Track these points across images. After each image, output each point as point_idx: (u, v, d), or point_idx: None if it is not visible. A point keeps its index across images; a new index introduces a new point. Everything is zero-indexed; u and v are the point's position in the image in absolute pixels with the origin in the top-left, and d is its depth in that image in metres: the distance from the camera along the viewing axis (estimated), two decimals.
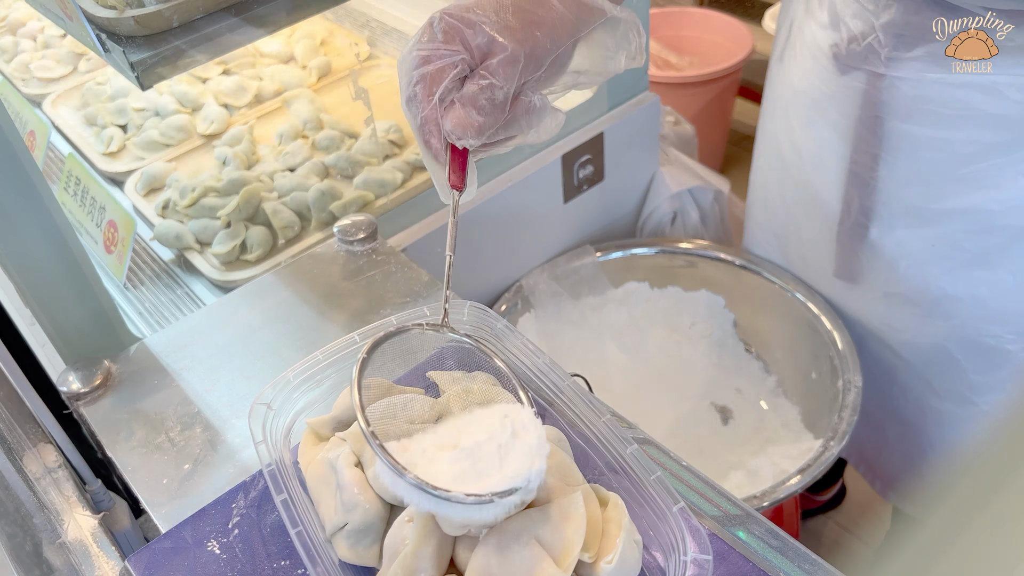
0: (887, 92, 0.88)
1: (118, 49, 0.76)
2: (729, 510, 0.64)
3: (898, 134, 0.90)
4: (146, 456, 0.73)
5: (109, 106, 1.30)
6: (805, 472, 0.96)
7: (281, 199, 1.10)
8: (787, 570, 0.60)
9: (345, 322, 0.84)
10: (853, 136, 0.94)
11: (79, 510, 0.72)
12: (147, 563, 0.60)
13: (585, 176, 1.20)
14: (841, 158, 0.97)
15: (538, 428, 0.54)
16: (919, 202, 0.93)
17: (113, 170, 1.22)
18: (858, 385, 1.04)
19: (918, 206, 0.93)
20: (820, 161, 1.01)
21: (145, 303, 1.05)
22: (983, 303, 0.95)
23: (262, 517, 0.63)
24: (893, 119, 0.89)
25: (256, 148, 1.22)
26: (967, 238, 0.92)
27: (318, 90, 1.33)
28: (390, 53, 1.43)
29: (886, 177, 0.94)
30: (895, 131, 0.90)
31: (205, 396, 0.78)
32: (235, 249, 1.05)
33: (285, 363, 0.80)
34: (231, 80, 1.32)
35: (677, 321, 1.27)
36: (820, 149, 1.00)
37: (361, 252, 0.91)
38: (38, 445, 0.78)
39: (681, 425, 1.20)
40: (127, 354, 0.83)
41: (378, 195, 1.11)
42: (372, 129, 1.17)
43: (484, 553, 0.52)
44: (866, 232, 0.99)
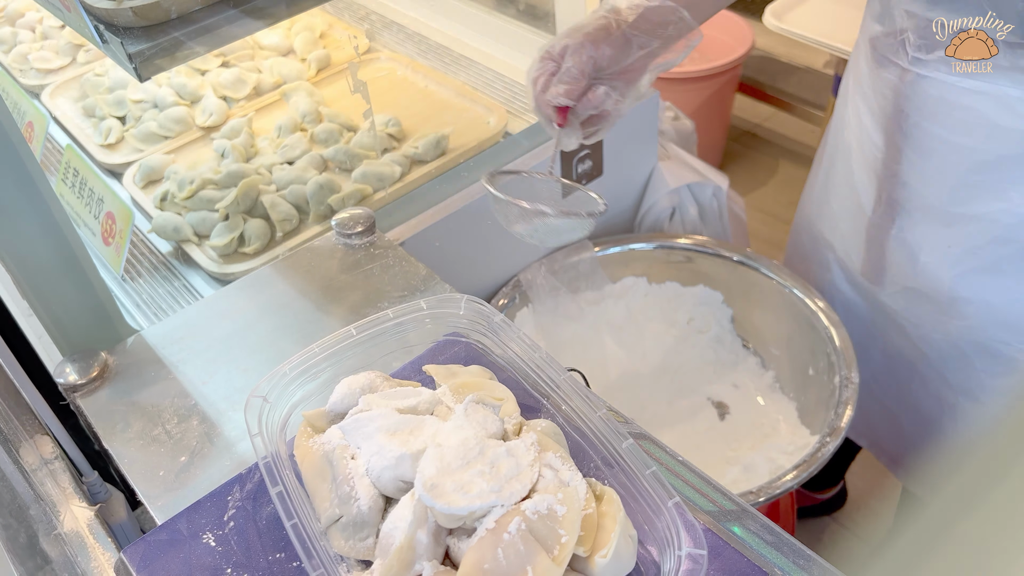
0: (911, 88, 0.90)
1: (116, 40, 0.76)
2: (724, 505, 0.64)
3: (921, 132, 0.91)
4: (143, 448, 0.73)
5: (108, 97, 1.30)
6: (801, 468, 0.96)
7: (279, 192, 1.10)
8: (782, 565, 0.60)
9: (342, 315, 0.84)
10: (884, 128, 0.96)
11: (75, 501, 0.72)
12: (143, 555, 0.60)
13: (584, 171, 1.20)
14: (877, 148, 0.99)
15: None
16: (937, 202, 0.94)
17: (111, 162, 1.22)
18: (855, 381, 1.04)
19: (936, 206, 0.94)
20: (862, 151, 1.02)
21: (143, 295, 1.05)
22: (994, 309, 0.96)
23: (258, 510, 0.63)
24: (917, 116, 0.91)
25: (255, 141, 1.21)
26: (981, 244, 0.93)
27: (317, 83, 1.33)
28: (389, 46, 1.43)
29: (909, 172, 0.95)
30: (919, 128, 0.91)
31: (202, 388, 0.78)
32: (233, 242, 1.05)
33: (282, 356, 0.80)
34: (230, 72, 1.32)
35: (675, 316, 1.27)
36: (862, 138, 1.02)
37: (359, 245, 0.91)
38: (35, 436, 0.78)
39: (678, 420, 1.20)
40: (124, 346, 0.83)
41: (376, 188, 1.11)
42: (371, 122, 1.16)
43: (479, 546, 0.52)
44: (892, 225, 1.01)
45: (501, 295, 1.18)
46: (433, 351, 0.75)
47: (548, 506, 0.53)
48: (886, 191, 0.99)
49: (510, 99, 1.27)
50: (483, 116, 1.22)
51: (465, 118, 1.22)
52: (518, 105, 1.26)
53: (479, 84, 1.32)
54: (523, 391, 0.66)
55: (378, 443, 0.58)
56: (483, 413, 0.59)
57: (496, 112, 1.21)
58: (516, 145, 1.15)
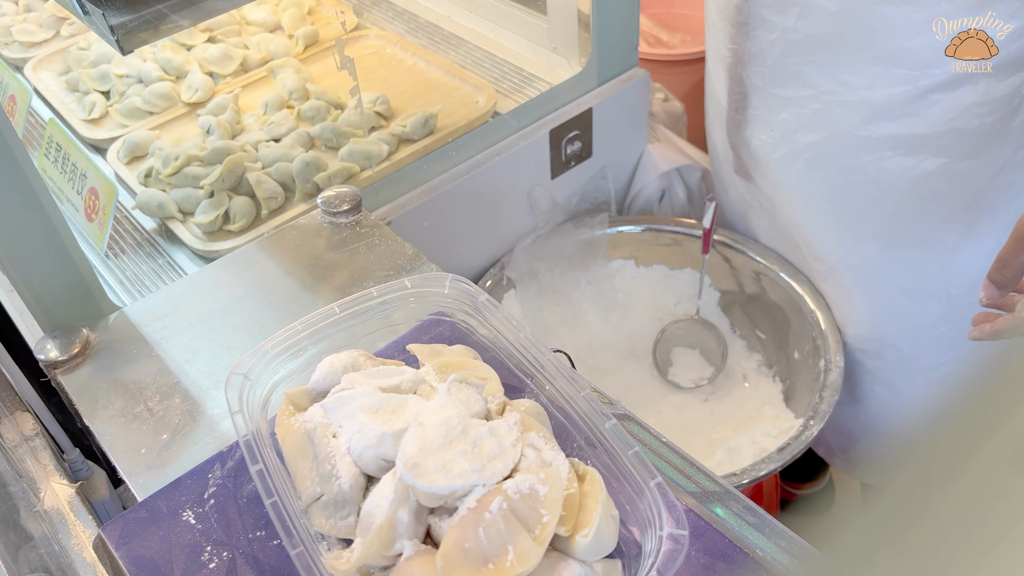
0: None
1: (98, 12, 0.74)
2: (707, 487, 0.64)
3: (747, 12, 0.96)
4: (124, 425, 0.73)
5: (92, 72, 1.28)
6: (784, 451, 0.96)
7: (265, 169, 1.09)
8: (763, 547, 0.60)
9: (328, 294, 0.83)
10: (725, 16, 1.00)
11: (56, 479, 0.72)
12: (121, 532, 0.60)
13: (573, 152, 1.20)
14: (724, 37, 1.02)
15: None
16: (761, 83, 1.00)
17: (95, 137, 1.20)
18: (840, 365, 1.04)
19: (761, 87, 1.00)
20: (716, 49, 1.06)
21: (126, 272, 1.04)
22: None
23: (238, 488, 0.63)
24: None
25: (241, 117, 1.20)
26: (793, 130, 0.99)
27: (304, 59, 1.31)
28: (378, 23, 1.41)
29: (740, 56, 1.00)
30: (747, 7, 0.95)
31: (185, 366, 0.78)
32: (218, 219, 1.04)
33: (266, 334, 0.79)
34: (216, 48, 1.30)
35: (662, 299, 1.27)
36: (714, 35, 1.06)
37: (345, 224, 0.90)
38: (15, 413, 0.78)
39: (663, 402, 1.20)
40: (106, 323, 0.83)
41: (363, 167, 1.10)
42: (358, 100, 1.15)
43: (460, 525, 0.52)
44: (742, 118, 1.05)
45: (488, 276, 1.18)
46: (417, 330, 0.74)
47: (530, 486, 0.53)
48: (733, 82, 1.04)
49: (499, 78, 1.26)
50: (472, 95, 1.21)
51: (454, 97, 1.21)
52: (507, 85, 1.25)
53: (468, 63, 1.31)
54: (507, 371, 0.66)
55: (360, 422, 0.57)
56: (466, 392, 0.59)
57: (485, 91, 1.20)
58: (505, 125, 1.14)
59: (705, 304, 1.25)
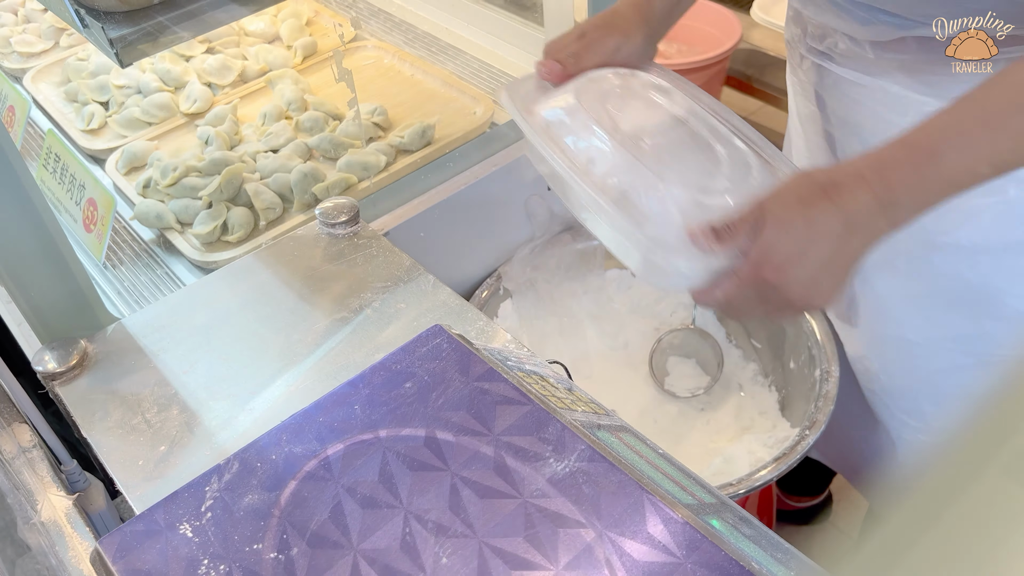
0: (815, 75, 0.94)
1: (97, 25, 0.75)
2: (704, 499, 0.65)
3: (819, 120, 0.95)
4: (122, 437, 0.73)
5: (90, 82, 1.28)
6: (780, 461, 0.97)
7: (263, 180, 1.10)
8: (760, 559, 0.60)
9: (325, 305, 0.84)
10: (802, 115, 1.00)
11: (53, 490, 0.72)
12: (118, 545, 0.60)
13: None
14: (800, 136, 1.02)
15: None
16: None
17: (94, 148, 1.21)
18: (835, 375, 1.04)
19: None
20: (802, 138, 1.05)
21: (124, 283, 1.04)
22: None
23: (235, 501, 0.63)
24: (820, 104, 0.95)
25: (239, 128, 1.21)
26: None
27: (303, 71, 1.32)
28: (376, 35, 1.42)
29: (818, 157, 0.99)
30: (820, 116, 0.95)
31: (183, 377, 0.78)
32: (216, 230, 1.04)
33: (264, 345, 0.80)
34: (215, 59, 1.31)
35: (657, 308, 1.28)
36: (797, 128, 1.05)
37: (343, 235, 0.91)
38: (13, 424, 0.78)
39: (660, 412, 1.20)
40: (104, 334, 0.83)
41: (361, 178, 1.11)
42: (356, 111, 1.16)
43: None
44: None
45: (485, 286, 1.18)
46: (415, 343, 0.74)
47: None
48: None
49: (496, 89, 1.27)
50: (470, 106, 1.22)
51: (451, 108, 1.22)
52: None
53: (466, 74, 1.31)
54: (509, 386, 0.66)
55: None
56: None
57: (483, 102, 1.21)
58: (502, 136, 1.15)
59: (701, 314, 1.26)
